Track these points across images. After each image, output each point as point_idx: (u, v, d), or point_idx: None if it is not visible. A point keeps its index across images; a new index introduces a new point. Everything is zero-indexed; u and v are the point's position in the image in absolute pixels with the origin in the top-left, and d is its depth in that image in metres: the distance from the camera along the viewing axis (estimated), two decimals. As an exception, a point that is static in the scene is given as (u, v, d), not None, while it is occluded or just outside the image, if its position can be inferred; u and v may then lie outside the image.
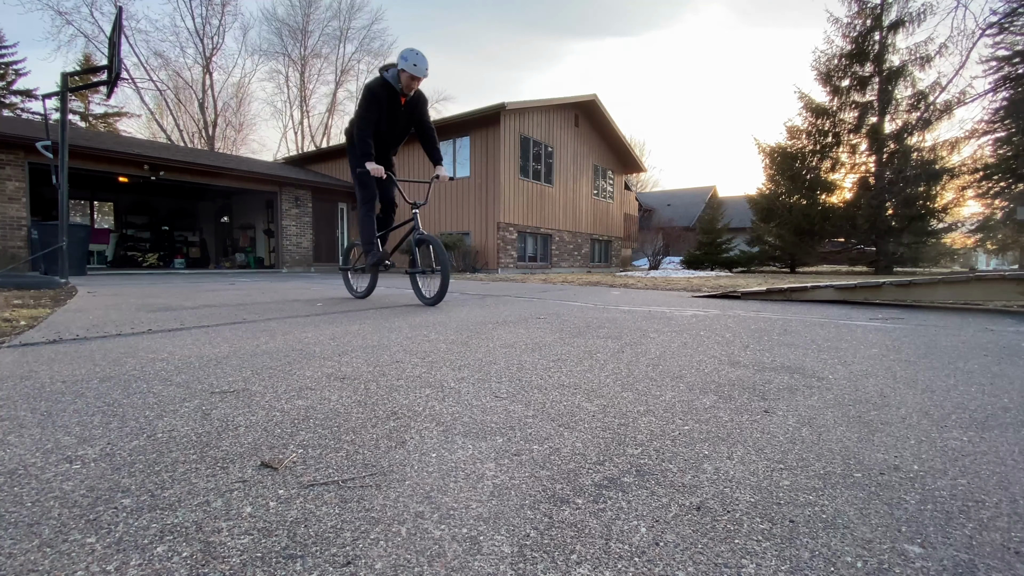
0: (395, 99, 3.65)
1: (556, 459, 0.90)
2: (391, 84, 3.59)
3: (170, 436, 0.98)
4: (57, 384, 1.36)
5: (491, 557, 0.60)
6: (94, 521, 0.67)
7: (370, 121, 3.60)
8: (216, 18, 31.28)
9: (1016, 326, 2.85)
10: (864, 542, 0.65)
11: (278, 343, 2.02)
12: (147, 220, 18.75)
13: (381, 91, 3.58)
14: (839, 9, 32.17)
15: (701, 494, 0.77)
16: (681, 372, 1.60)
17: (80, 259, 9.05)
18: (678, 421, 1.12)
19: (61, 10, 30.62)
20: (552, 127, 15.52)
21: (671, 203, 32.46)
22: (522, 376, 1.51)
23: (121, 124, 31.90)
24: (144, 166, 11.82)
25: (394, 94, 3.63)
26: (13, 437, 0.97)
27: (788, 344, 2.14)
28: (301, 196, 15.16)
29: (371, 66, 39.88)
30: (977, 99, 14.17)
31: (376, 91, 3.57)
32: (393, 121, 3.76)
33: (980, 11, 27.34)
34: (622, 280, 8.33)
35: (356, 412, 1.15)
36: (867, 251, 16.01)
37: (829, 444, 0.99)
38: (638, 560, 0.60)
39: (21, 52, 39.50)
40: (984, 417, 1.18)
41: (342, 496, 0.75)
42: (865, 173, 15.99)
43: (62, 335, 2.15)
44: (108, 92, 5.94)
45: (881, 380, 1.52)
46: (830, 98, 16.29)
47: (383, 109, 3.63)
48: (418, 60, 3.48)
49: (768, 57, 79.99)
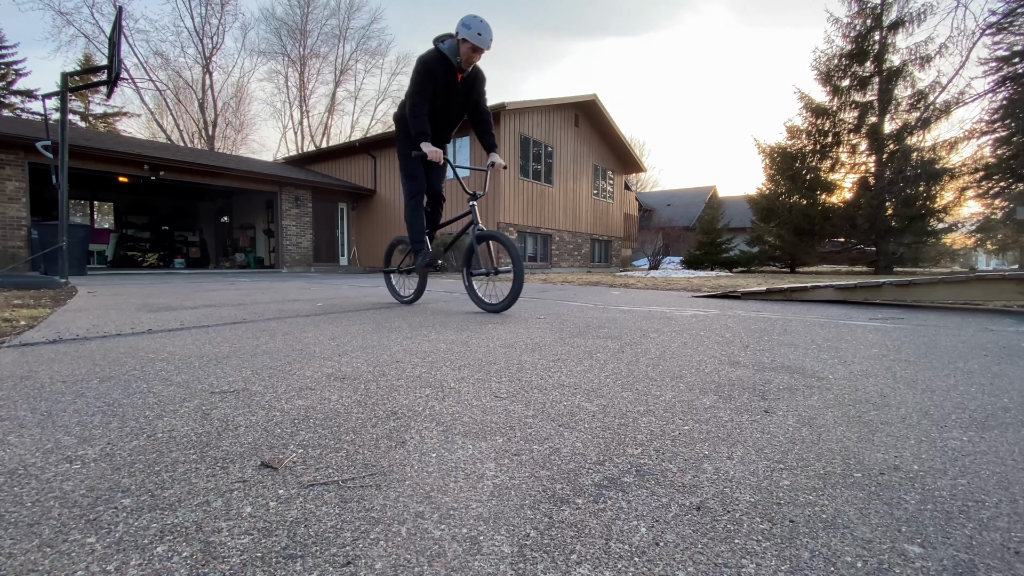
0: (452, 75, 3.15)
1: (556, 459, 0.90)
2: (448, 57, 3.08)
3: (170, 436, 0.98)
4: (57, 384, 1.36)
5: (491, 557, 0.60)
6: (94, 521, 0.67)
7: (424, 98, 3.10)
8: (216, 17, 31.33)
9: (1016, 326, 2.85)
10: (864, 542, 0.65)
11: (278, 343, 2.02)
12: (147, 220, 18.75)
13: (437, 65, 3.07)
14: (839, 9, 32.16)
15: (701, 494, 0.77)
16: (681, 372, 1.60)
17: (80, 259, 9.05)
18: (678, 421, 1.12)
19: (62, 10, 30.68)
20: (552, 127, 15.52)
21: (671, 203, 32.46)
22: (522, 376, 1.51)
23: (121, 124, 31.91)
24: (144, 166, 11.82)
25: (451, 69, 3.12)
26: (13, 437, 0.97)
27: (788, 344, 2.14)
28: (301, 196, 15.15)
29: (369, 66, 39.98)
30: (977, 99, 14.19)
31: (431, 64, 3.07)
32: (448, 101, 3.23)
33: (980, 11, 27.32)
34: (622, 280, 8.33)
35: (356, 412, 1.15)
36: (867, 251, 16.02)
37: (829, 444, 0.99)
38: (638, 560, 0.60)
39: (21, 52, 39.54)
40: (984, 417, 1.18)
41: (342, 496, 0.75)
42: (865, 173, 16.00)
43: (62, 335, 2.15)
44: (108, 92, 5.95)
45: (881, 380, 1.52)
46: (830, 98, 16.30)
47: (438, 86, 3.12)
48: (483, 29, 2.99)
49: (768, 57, 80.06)
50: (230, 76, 44.94)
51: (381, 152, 16.44)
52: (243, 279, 8.37)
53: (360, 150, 16.89)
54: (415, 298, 3.74)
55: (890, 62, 15.36)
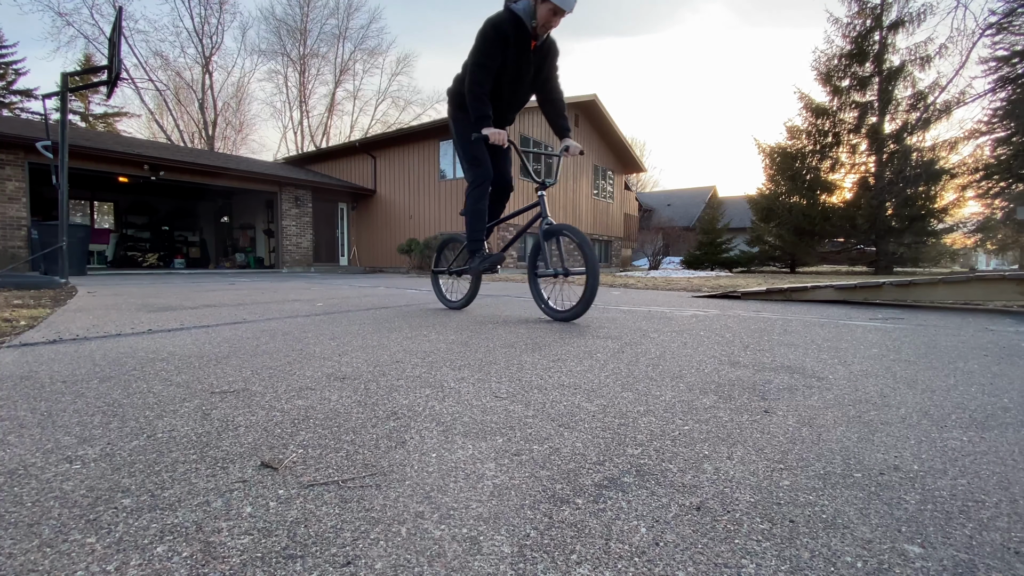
0: (525, 43, 2.62)
1: (556, 459, 0.90)
2: (523, 20, 2.58)
3: (170, 436, 0.98)
4: (57, 384, 1.36)
5: (491, 557, 0.60)
6: (94, 521, 0.67)
7: (490, 70, 2.61)
8: (215, 17, 31.35)
9: (1016, 326, 2.85)
10: (864, 542, 0.64)
11: (278, 343, 2.02)
12: (147, 220, 18.76)
13: (510, 29, 2.57)
14: (839, 9, 32.21)
15: (701, 494, 0.77)
16: (681, 372, 1.60)
17: (80, 259, 9.05)
18: (678, 421, 1.12)
19: (61, 11, 30.73)
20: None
21: (671, 203, 32.47)
22: (522, 376, 1.51)
23: (121, 124, 31.95)
24: (144, 166, 11.82)
25: (524, 35, 2.60)
26: (13, 437, 0.97)
27: (788, 344, 2.14)
28: (301, 196, 15.16)
29: (368, 66, 40.01)
30: (977, 99, 14.20)
31: (502, 27, 2.56)
32: (518, 75, 2.73)
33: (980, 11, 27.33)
34: (622, 280, 8.33)
35: (356, 412, 1.15)
36: (867, 251, 16.02)
37: (829, 444, 0.99)
38: (638, 560, 0.60)
39: (21, 52, 39.55)
40: (984, 417, 1.18)
41: (342, 496, 0.75)
42: (865, 173, 16.00)
43: (62, 335, 2.15)
44: (108, 92, 5.95)
45: (881, 380, 1.52)
46: (830, 98, 16.31)
47: (508, 54, 2.61)
48: None
49: (768, 57, 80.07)
50: (230, 76, 45.00)
51: (381, 152, 16.46)
52: (243, 279, 8.37)
53: (360, 150, 16.90)
54: (466, 302, 3.36)
55: (890, 62, 15.36)
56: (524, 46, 2.64)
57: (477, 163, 2.84)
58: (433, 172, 15.08)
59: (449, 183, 14.69)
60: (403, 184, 15.84)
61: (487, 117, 2.64)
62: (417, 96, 62.43)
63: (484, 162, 2.84)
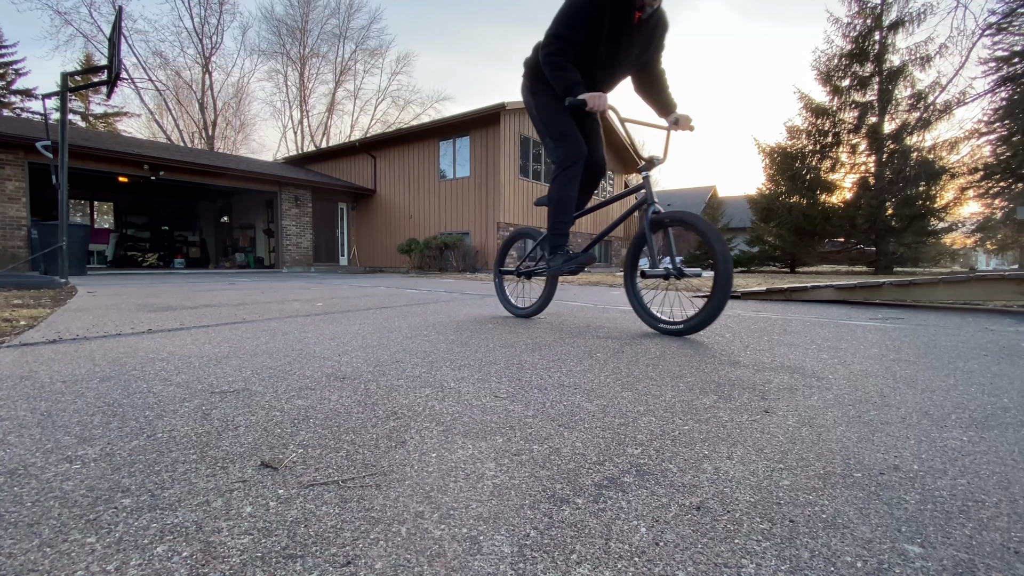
0: (626, 13, 2.16)
1: (556, 459, 0.90)
2: None
3: (170, 436, 0.98)
4: (57, 384, 1.36)
5: (491, 557, 0.60)
6: (94, 521, 0.67)
7: (573, 43, 2.17)
8: (214, 17, 31.33)
9: (1016, 326, 2.85)
10: (864, 542, 0.65)
11: (278, 343, 2.02)
12: (147, 220, 18.77)
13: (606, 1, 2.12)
14: (839, 9, 32.23)
15: (701, 494, 0.77)
16: (681, 372, 1.60)
17: (80, 259, 9.05)
18: (678, 421, 1.12)
19: (60, 10, 30.73)
20: (552, 127, 15.49)
21: (671, 203, 32.45)
22: (522, 376, 1.51)
23: (121, 124, 31.95)
24: (144, 166, 11.82)
25: (626, 3, 2.14)
26: (13, 437, 0.97)
27: (788, 344, 2.14)
28: (301, 196, 15.16)
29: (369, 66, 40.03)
30: (977, 99, 14.19)
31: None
32: (616, 49, 2.24)
33: (980, 11, 27.33)
34: (622, 280, 8.33)
35: (356, 412, 1.15)
36: (867, 251, 16.02)
37: (829, 444, 0.99)
38: (638, 560, 0.60)
39: (20, 52, 39.55)
40: (984, 417, 1.18)
41: (342, 496, 0.75)
42: (865, 173, 16.00)
43: (62, 335, 2.15)
44: (108, 92, 5.95)
45: (881, 380, 1.52)
46: (830, 98, 16.30)
47: (603, 25, 2.15)
48: None
49: (768, 57, 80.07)
50: (230, 76, 45.04)
51: (381, 152, 16.46)
52: (243, 279, 8.37)
53: (360, 150, 16.90)
54: (539, 309, 2.85)
55: (890, 62, 15.36)
56: (625, 18, 2.16)
57: (565, 139, 2.32)
58: (433, 172, 15.09)
59: (449, 183, 14.69)
60: (403, 184, 15.85)
61: (578, 83, 2.16)
62: (416, 96, 62.40)
63: (575, 138, 2.32)
